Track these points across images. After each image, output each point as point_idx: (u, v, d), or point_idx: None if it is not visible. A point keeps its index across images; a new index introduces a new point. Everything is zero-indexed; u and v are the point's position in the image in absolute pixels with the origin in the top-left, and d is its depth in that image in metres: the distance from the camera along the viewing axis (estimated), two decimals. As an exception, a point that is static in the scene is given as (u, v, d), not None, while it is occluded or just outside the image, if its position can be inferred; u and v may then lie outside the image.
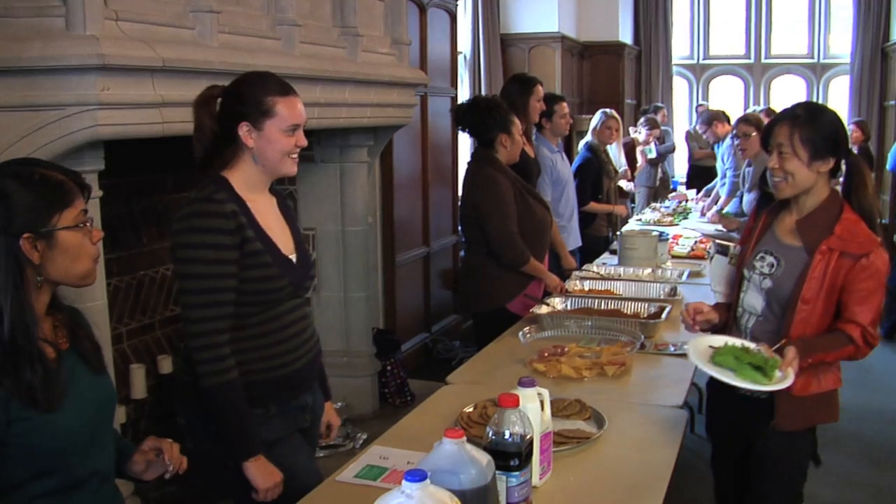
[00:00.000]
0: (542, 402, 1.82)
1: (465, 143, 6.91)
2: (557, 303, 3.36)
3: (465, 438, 1.49)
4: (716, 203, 6.18)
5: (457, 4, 6.29)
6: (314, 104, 3.27)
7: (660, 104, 9.76)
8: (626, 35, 10.35)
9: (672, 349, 2.81)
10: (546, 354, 2.74)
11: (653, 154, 8.08)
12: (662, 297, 3.47)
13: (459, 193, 6.36)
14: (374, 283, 4.95)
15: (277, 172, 2.07)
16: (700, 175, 8.41)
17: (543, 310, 3.24)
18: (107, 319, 2.60)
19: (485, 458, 1.50)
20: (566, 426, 2.13)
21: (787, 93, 11.19)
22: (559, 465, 1.92)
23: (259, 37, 3.04)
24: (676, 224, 5.94)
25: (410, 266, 5.69)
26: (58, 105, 2.26)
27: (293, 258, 2.10)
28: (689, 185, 8.64)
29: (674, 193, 7.87)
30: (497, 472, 1.56)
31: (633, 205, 7.77)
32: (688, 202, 6.99)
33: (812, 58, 11.27)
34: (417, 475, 1.29)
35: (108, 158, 2.46)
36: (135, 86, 2.38)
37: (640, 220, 6.14)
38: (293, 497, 1.90)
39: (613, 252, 4.58)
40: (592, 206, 5.30)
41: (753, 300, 2.31)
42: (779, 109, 2.40)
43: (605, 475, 1.94)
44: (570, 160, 5.48)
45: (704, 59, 11.76)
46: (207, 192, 1.98)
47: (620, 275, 3.94)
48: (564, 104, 4.75)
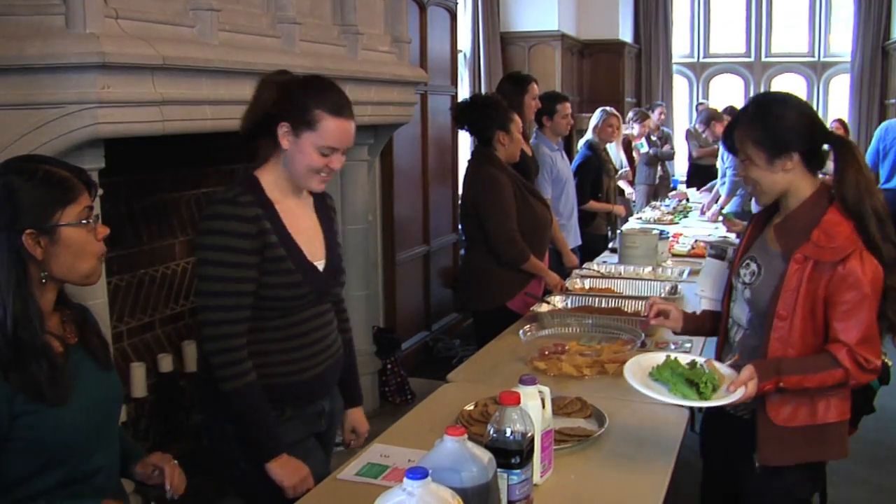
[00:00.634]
0: (543, 400, 1.81)
1: (466, 142, 6.91)
2: (558, 301, 3.36)
3: (467, 436, 1.49)
4: (716, 201, 6.18)
5: (457, 2, 6.29)
6: (314, 102, 3.26)
7: (659, 102, 9.76)
8: (627, 33, 10.35)
9: (673, 347, 2.81)
10: (547, 353, 2.73)
11: (645, 148, 8.06)
12: (663, 296, 3.47)
13: (460, 192, 6.38)
14: (375, 282, 4.95)
15: (302, 185, 2.02)
16: (700, 174, 8.41)
17: (544, 308, 3.24)
18: (107, 318, 2.59)
19: (486, 456, 1.50)
20: (567, 424, 2.12)
21: (786, 94, 11.16)
22: (560, 463, 1.92)
23: (259, 35, 3.04)
24: (677, 223, 5.94)
25: (410, 264, 5.68)
26: (58, 103, 2.25)
27: (320, 264, 2.07)
28: (690, 184, 8.64)
29: (674, 192, 7.86)
30: (498, 470, 1.55)
31: (634, 203, 7.76)
32: (688, 201, 6.99)
33: (812, 56, 11.28)
34: (419, 473, 1.29)
35: (108, 157, 2.45)
36: (135, 84, 2.37)
37: (641, 219, 6.14)
38: None
39: (614, 250, 4.58)
40: (592, 205, 5.29)
41: (739, 311, 2.10)
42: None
43: (606, 473, 1.94)
44: (571, 159, 5.49)
45: (705, 58, 11.76)
46: (233, 194, 1.93)
47: (621, 273, 3.94)
48: (567, 104, 4.75)
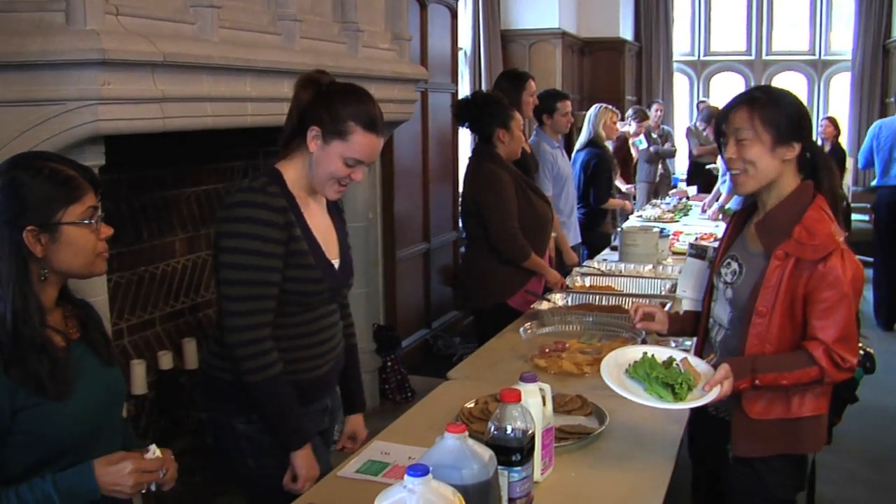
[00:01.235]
0: (544, 398, 1.81)
1: (466, 139, 6.91)
2: (558, 299, 3.36)
3: (467, 433, 1.48)
4: (717, 200, 6.17)
5: (457, 0, 6.28)
6: (315, 100, 3.26)
7: (657, 100, 9.75)
8: (627, 31, 10.34)
9: (673, 345, 2.80)
10: (547, 350, 2.73)
11: (644, 145, 8.04)
12: (663, 294, 3.47)
13: (460, 189, 6.37)
14: (375, 280, 4.95)
15: (319, 190, 2.02)
16: (700, 172, 8.41)
17: (544, 306, 3.24)
18: (108, 315, 2.59)
19: (487, 453, 1.50)
20: (567, 422, 2.12)
21: (789, 89, 11.17)
22: (561, 461, 1.92)
23: (260, 32, 3.04)
24: (677, 221, 5.94)
25: (411, 262, 5.68)
26: (58, 100, 2.25)
27: (336, 263, 2.08)
28: (690, 182, 8.63)
29: (674, 190, 7.86)
30: (499, 468, 1.55)
31: (635, 200, 7.76)
32: (688, 199, 6.98)
33: (813, 54, 11.27)
34: (419, 470, 1.28)
35: (109, 154, 2.45)
36: (135, 81, 2.37)
37: (641, 217, 6.14)
38: None
39: (614, 248, 4.58)
40: (612, 203, 5.43)
41: (721, 311, 2.09)
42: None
43: (607, 471, 1.94)
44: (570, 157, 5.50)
45: (705, 56, 11.76)
46: (260, 183, 1.92)
47: (621, 271, 3.94)
48: (567, 102, 4.74)
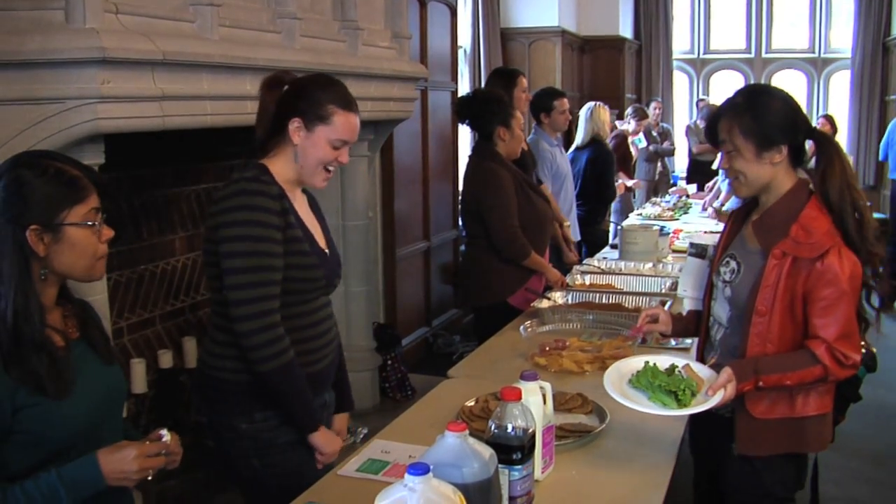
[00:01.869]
0: (545, 396, 1.81)
1: (466, 138, 6.90)
2: (558, 297, 3.36)
3: (468, 432, 1.48)
4: (717, 197, 6.17)
5: (457, -2, 6.29)
6: (315, 98, 3.26)
7: (656, 98, 9.75)
8: (627, 29, 10.34)
9: (674, 343, 2.81)
10: (547, 348, 2.73)
11: (643, 144, 8.04)
12: (663, 292, 3.47)
13: (460, 188, 6.37)
14: (375, 278, 4.95)
15: (308, 180, 2.05)
16: (700, 170, 8.40)
17: (544, 304, 3.23)
18: (107, 314, 2.59)
19: (487, 452, 1.50)
20: (568, 420, 2.12)
21: (788, 87, 11.14)
22: (561, 459, 1.92)
23: (259, 30, 3.03)
24: (677, 219, 5.94)
25: (411, 260, 5.68)
26: (58, 98, 2.24)
27: (327, 252, 2.11)
28: (690, 180, 8.63)
29: (674, 188, 7.86)
30: (499, 466, 1.55)
31: (634, 199, 7.76)
32: (688, 197, 6.98)
33: (813, 52, 11.26)
34: (420, 468, 1.28)
35: (109, 152, 2.45)
36: (135, 79, 2.36)
37: (641, 215, 6.14)
38: None
39: (614, 246, 4.58)
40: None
41: (720, 309, 2.08)
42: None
43: (608, 469, 1.93)
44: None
45: (705, 54, 11.75)
46: (253, 174, 1.96)
47: (621, 269, 3.93)
48: (564, 100, 4.74)
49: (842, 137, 10.25)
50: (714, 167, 5.82)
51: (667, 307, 3.10)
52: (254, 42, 2.95)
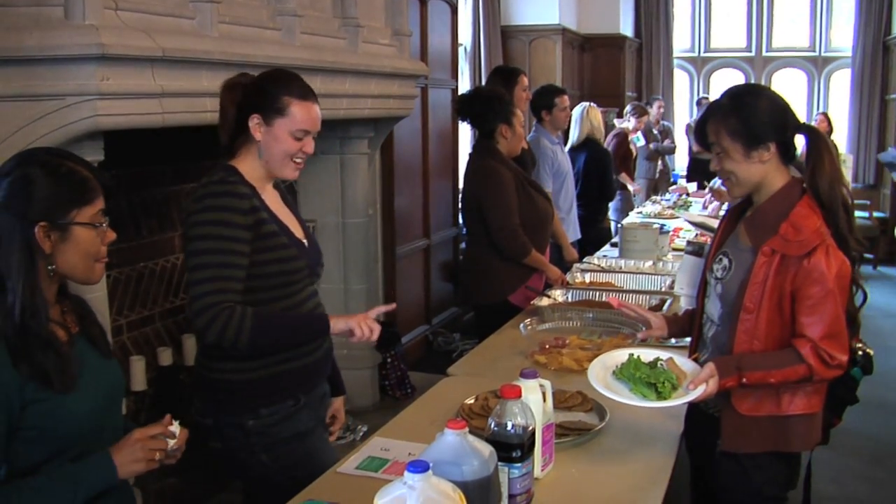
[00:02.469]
0: (545, 394, 1.81)
1: (466, 135, 6.89)
2: (558, 295, 3.36)
3: (468, 430, 1.48)
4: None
5: (457, -4, 6.28)
6: (314, 95, 3.25)
7: (657, 96, 9.74)
8: (627, 27, 10.33)
9: (673, 341, 2.80)
10: (547, 346, 2.73)
11: (640, 142, 8.02)
12: (663, 290, 3.47)
13: (460, 185, 6.37)
14: (375, 276, 4.94)
15: (276, 173, 2.07)
16: (700, 168, 8.38)
17: (544, 302, 3.23)
18: (107, 311, 2.59)
19: (487, 450, 1.50)
20: (568, 418, 2.12)
21: (788, 86, 11.17)
22: (561, 457, 1.92)
23: (259, 27, 3.03)
24: (677, 217, 5.94)
25: (411, 258, 5.68)
26: (57, 95, 2.24)
27: (305, 242, 2.12)
28: (690, 178, 8.62)
29: (674, 186, 7.85)
30: (499, 464, 1.55)
31: (635, 197, 7.75)
32: (688, 195, 6.98)
33: (813, 51, 11.24)
34: (420, 466, 1.28)
35: (108, 149, 2.45)
36: (134, 76, 2.36)
37: (641, 213, 6.14)
38: None
39: (614, 244, 4.58)
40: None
41: (712, 307, 2.07)
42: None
43: (608, 467, 1.93)
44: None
45: (705, 52, 11.73)
46: (219, 176, 1.99)
47: (621, 267, 3.94)
48: (565, 97, 4.74)
49: (842, 136, 10.25)
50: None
51: (666, 306, 3.12)
52: (254, 39, 2.95)
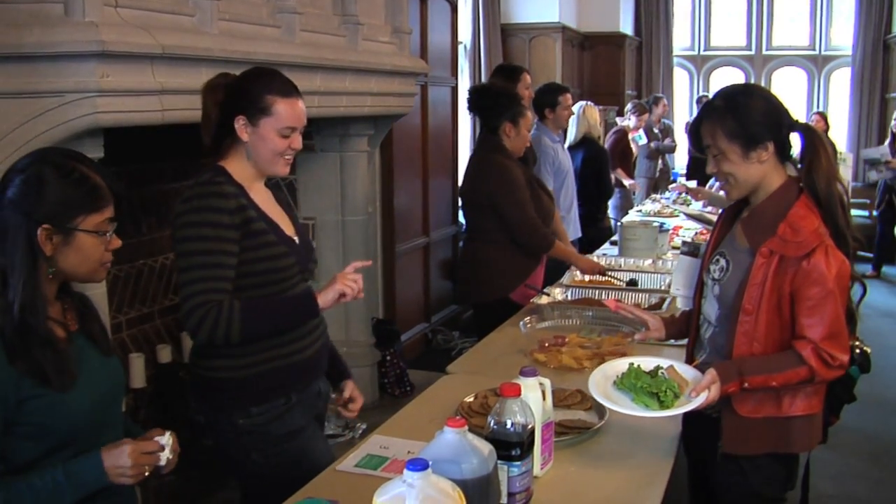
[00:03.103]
0: (544, 392, 1.81)
1: (466, 133, 6.90)
2: (558, 293, 3.36)
3: (467, 428, 1.48)
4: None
5: (457, -6, 6.28)
6: (314, 93, 3.25)
7: (659, 95, 9.73)
8: (627, 26, 10.32)
9: (673, 340, 2.80)
10: (547, 344, 2.73)
11: (643, 140, 8.01)
12: (663, 288, 3.47)
13: (460, 183, 6.36)
14: (374, 273, 4.94)
15: (267, 171, 2.06)
16: (700, 167, 8.35)
17: (544, 300, 3.23)
18: (106, 308, 2.59)
19: (486, 448, 1.50)
20: (567, 416, 2.12)
21: (788, 85, 11.18)
22: (560, 455, 1.92)
23: (259, 24, 3.03)
24: (677, 215, 5.93)
25: (410, 256, 5.68)
26: (57, 92, 2.24)
27: (296, 239, 2.11)
28: (690, 177, 8.60)
29: (674, 185, 7.84)
30: (498, 462, 1.55)
31: (635, 196, 7.75)
32: (688, 193, 6.96)
33: (813, 49, 11.25)
34: (419, 464, 1.28)
35: (108, 146, 2.44)
36: (134, 73, 2.36)
37: (641, 212, 6.14)
38: None
39: (614, 243, 4.58)
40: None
41: (709, 308, 2.05)
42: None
43: (607, 465, 1.94)
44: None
45: (705, 51, 11.74)
46: (206, 178, 1.98)
47: (621, 265, 3.94)
48: (568, 95, 4.74)
49: (842, 135, 10.25)
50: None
51: (665, 305, 3.12)
52: (253, 36, 2.95)
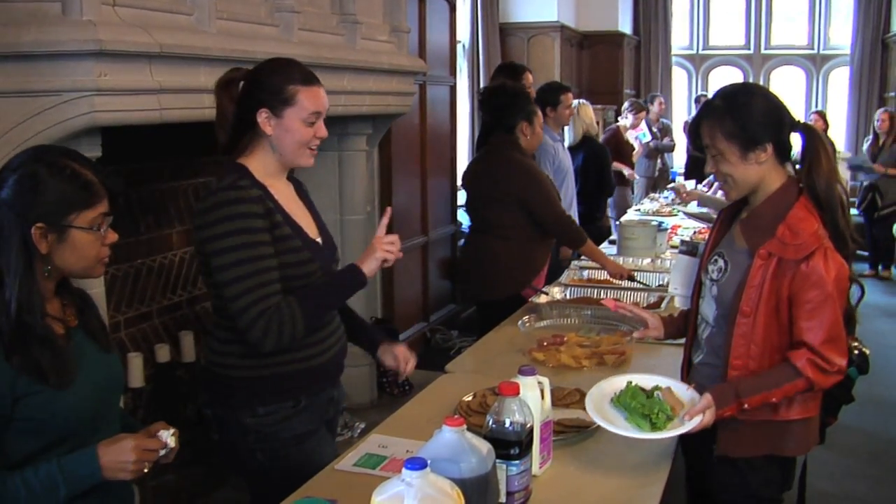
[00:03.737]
0: (543, 391, 1.81)
1: (464, 133, 6.89)
2: (556, 292, 3.35)
3: (466, 427, 1.48)
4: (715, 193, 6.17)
5: (456, -7, 6.28)
6: (313, 92, 3.25)
7: (656, 93, 9.73)
8: (626, 25, 10.32)
9: (671, 339, 2.80)
10: (545, 344, 2.73)
11: (647, 137, 7.99)
12: (661, 287, 3.47)
13: (458, 182, 6.34)
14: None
15: (293, 163, 2.03)
16: (699, 165, 8.35)
17: (542, 299, 3.23)
18: (104, 308, 2.58)
19: (485, 447, 1.50)
20: (566, 415, 2.12)
21: (787, 84, 11.18)
22: (559, 454, 1.92)
23: (257, 23, 3.02)
24: (675, 214, 5.94)
25: (409, 255, 5.67)
26: (55, 91, 2.23)
27: (319, 241, 2.09)
28: (688, 176, 8.61)
29: (672, 184, 7.84)
30: (497, 461, 1.55)
31: (633, 195, 7.74)
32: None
33: (812, 49, 11.25)
34: (418, 463, 1.28)
35: (105, 145, 2.44)
36: (132, 72, 2.35)
37: (639, 211, 6.14)
38: None
39: (613, 242, 4.58)
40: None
41: (707, 308, 2.04)
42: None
43: (605, 465, 1.93)
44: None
45: (704, 50, 11.74)
46: (230, 181, 1.92)
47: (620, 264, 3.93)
48: (570, 94, 4.77)
49: (840, 134, 10.26)
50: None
51: (664, 304, 3.12)
52: (251, 35, 2.94)
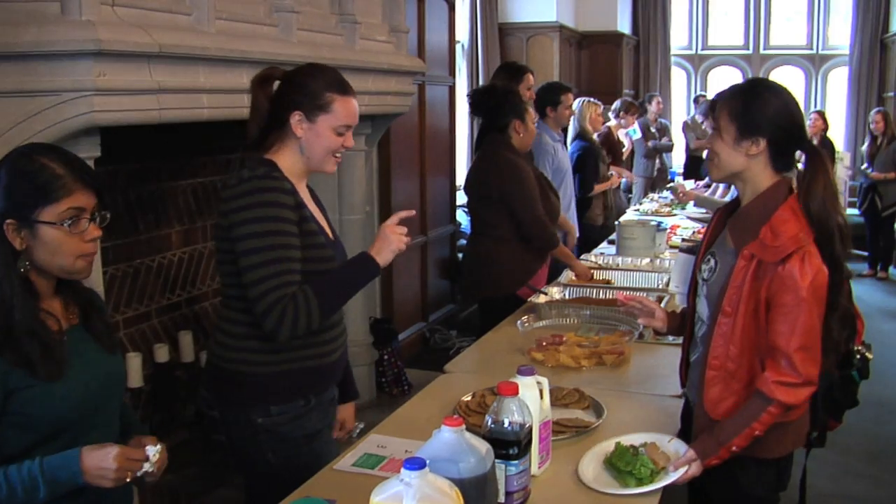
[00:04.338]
0: (541, 391, 1.81)
1: (463, 132, 6.89)
2: (556, 292, 3.36)
3: (465, 427, 1.48)
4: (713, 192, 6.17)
5: (455, -7, 6.28)
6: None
7: (654, 93, 9.73)
8: (625, 25, 10.33)
9: (670, 338, 2.80)
10: (544, 343, 2.73)
11: (637, 135, 7.99)
12: (660, 287, 3.47)
13: (457, 182, 6.35)
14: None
15: (318, 168, 2.05)
16: (698, 165, 8.39)
17: (541, 299, 3.23)
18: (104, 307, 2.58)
19: (484, 447, 1.50)
20: (565, 415, 2.12)
21: (786, 84, 11.14)
22: (558, 454, 1.92)
23: (256, 23, 3.02)
24: (674, 214, 5.95)
25: (408, 255, 5.67)
26: (53, 91, 2.23)
27: (334, 241, 2.12)
28: (687, 176, 8.62)
29: (671, 184, 7.84)
30: (496, 461, 1.55)
31: (631, 195, 7.74)
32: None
33: (811, 49, 11.26)
34: (416, 463, 1.28)
35: (105, 145, 2.44)
36: (131, 72, 2.35)
37: (638, 211, 6.15)
38: None
39: (612, 242, 4.58)
40: (597, 189, 5.46)
41: (701, 307, 2.04)
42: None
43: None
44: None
45: (703, 50, 11.75)
46: (264, 171, 1.93)
47: (619, 264, 3.94)
48: (570, 95, 4.77)
49: (839, 134, 10.26)
50: None
51: (663, 304, 3.12)
52: (251, 35, 2.94)
